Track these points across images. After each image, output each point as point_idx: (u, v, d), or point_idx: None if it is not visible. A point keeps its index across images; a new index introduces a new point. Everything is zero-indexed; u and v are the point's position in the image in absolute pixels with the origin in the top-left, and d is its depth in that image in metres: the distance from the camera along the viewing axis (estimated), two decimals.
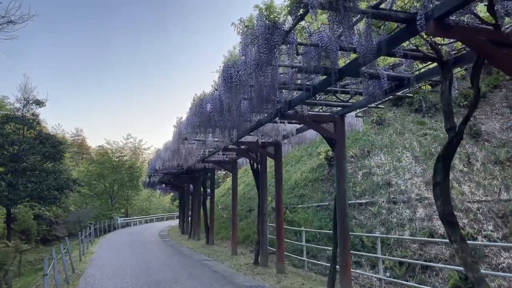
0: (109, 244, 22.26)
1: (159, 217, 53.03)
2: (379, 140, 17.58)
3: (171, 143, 12.37)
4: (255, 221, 18.73)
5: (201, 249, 17.83)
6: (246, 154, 12.55)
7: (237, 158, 15.84)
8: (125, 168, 48.98)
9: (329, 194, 16.34)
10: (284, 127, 9.97)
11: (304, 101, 7.22)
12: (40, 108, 22.65)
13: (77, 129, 75.14)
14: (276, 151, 11.49)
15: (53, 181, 21.83)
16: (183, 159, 14.51)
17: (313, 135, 10.54)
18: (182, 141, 11.35)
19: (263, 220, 12.34)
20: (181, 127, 10.85)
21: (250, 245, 16.67)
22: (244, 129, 9.66)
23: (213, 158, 15.84)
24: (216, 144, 12.16)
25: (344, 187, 8.09)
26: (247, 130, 9.58)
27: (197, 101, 7.85)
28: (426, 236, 12.33)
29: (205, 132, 9.78)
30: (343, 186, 8.08)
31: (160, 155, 14.39)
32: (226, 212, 23.44)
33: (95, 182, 47.11)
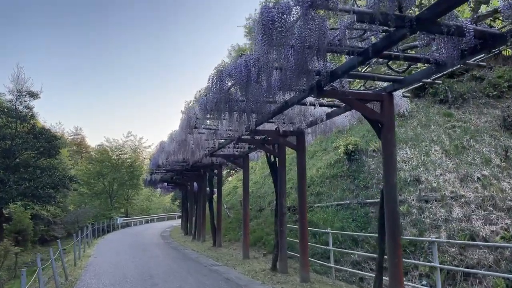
0: (107, 246, 20.74)
1: (160, 217, 51.54)
2: (402, 133, 16.10)
3: (178, 133, 10.88)
4: (266, 221, 17.22)
5: (208, 252, 16.32)
6: (262, 146, 11.04)
7: (249, 152, 14.33)
8: (125, 167, 47.51)
9: (349, 191, 14.83)
10: (313, 111, 8.46)
11: (352, 69, 5.71)
12: (34, 100, 21.17)
13: (77, 128, 73.56)
14: (298, 141, 9.98)
15: (47, 179, 20.28)
16: (190, 153, 13.01)
17: (344, 122, 9.03)
18: (190, 129, 9.84)
19: (282, 220, 10.83)
20: (190, 113, 9.35)
21: (262, 248, 15.16)
22: (265, 114, 8.15)
23: (222, 152, 14.34)
24: (228, 134, 10.65)
25: (393, 181, 6.58)
26: (270, 114, 8.08)
27: (214, 75, 6.34)
28: (466, 239, 10.87)
29: (218, 117, 8.30)
30: (393, 180, 6.56)
31: (164, 148, 12.90)
32: (233, 211, 21.96)
33: (94, 181, 45.62)
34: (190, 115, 9.33)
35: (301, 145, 9.96)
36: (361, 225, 13.14)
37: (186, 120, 9.59)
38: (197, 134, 10.99)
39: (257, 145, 11.14)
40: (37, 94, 21.18)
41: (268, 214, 17.46)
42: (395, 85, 6.52)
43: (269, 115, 8.19)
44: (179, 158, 14.49)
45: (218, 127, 10.14)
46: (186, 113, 9.43)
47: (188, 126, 9.75)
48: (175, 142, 11.35)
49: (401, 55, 5.31)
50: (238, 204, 21.96)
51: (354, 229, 12.98)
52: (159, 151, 13.38)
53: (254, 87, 6.21)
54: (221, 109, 7.58)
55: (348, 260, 12.01)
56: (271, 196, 18.77)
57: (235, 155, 14.55)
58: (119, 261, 14.42)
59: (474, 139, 14.53)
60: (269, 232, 15.57)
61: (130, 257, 15.46)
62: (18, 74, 21.35)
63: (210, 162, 16.41)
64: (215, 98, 6.86)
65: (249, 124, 9.10)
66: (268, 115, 8.19)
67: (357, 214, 13.59)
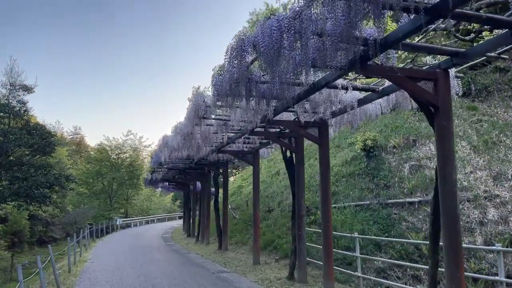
0: (106, 249, 19.52)
1: (161, 217, 50.35)
2: (424, 127, 14.90)
3: (183, 125, 9.68)
4: (276, 223, 16.00)
5: (213, 257, 15.11)
6: (277, 140, 9.84)
7: (260, 148, 13.14)
8: (125, 166, 46.28)
9: (369, 191, 13.62)
10: (343, 96, 7.25)
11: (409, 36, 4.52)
12: (28, 94, 19.93)
13: (76, 127, 72.39)
14: (321, 134, 8.78)
15: (42, 178, 19.04)
16: (196, 148, 11.82)
17: (376, 110, 7.83)
18: (198, 120, 8.64)
19: (300, 224, 9.62)
20: (198, 101, 8.15)
21: (274, 252, 13.94)
22: (288, 100, 6.96)
23: (230, 148, 13.14)
24: (240, 126, 9.45)
25: (453, 178, 5.33)
26: (294, 98, 6.88)
27: (234, 46, 5.13)
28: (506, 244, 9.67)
29: (232, 104, 7.13)
30: (452, 176, 5.32)
31: (168, 143, 11.70)
32: (239, 212, 20.75)
33: (93, 181, 44.39)
34: (199, 103, 8.13)
35: (324, 138, 8.76)
36: (383, 228, 11.93)
37: (193, 109, 8.39)
38: (204, 126, 9.79)
39: (272, 139, 9.93)
40: (31, 88, 19.94)
41: (278, 216, 16.26)
42: (455, 59, 5.29)
43: (293, 100, 6.98)
44: (183, 154, 13.29)
45: (229, 117, 8.94)
46: (193, 100, 8.23)
47: (195, 116, 8.55)
48: (179, 135, 10.14)
49: (481, 15, 4.08)
50: (244, 205, 20.77)
51: (376, 232, 11.77)
52: (161, 146, 12.17)
53: (283, 61, 5.02)
54: (238, 93, 6.39)
55: (371, 267, 10.83)
56: (280, 196, 17.57)
57: (244, 151, 13.36)
58: (118, 266, 13.21)
59: (504, 134, 13.33)
60: (281, 235, 14.38)
61: (130, 262, 14.25)
62: (12, 67, 20.20)
63: (215, 159, 15.21)
64: (233, 76, 5.67)
65: (267, 113, 7.92)
66: (291, 100, 6.98)
67: (379, 215, 12.39)
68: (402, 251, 10.70)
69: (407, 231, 11.32)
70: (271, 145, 12.92)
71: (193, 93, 8.18)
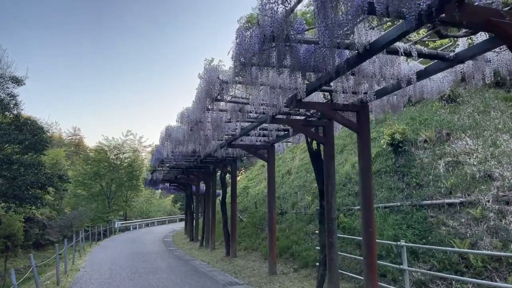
0: (102, 255, 17.87)
1: (161, 220, 48.72)
2: (457, 120, 13.33)
3: (191, 110, 8.08)
4: (291, 227, 14.35)
5: (221, 264, 13.50)
6: (303, 129, 8.26)
7: (275, 142, 11.54)
8: (124, 167, 44.64)
9: (398, 191, 12.03)
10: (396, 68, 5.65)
11: None
12: (18, 87, 18.30)
13: (75, 128, 70.90)
14: (360, 119, 7.18)
15: (32, 177, 17.41)
16: (204, 141, 10.22)
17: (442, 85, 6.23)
18: (211, 102, 7.06)
19: (331, 229, 8.03)
20: (212, 76, 6.55)
21: (291, 260, 12.32)
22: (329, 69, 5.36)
23: (242, 142, 11.56)
24: (260, 110, 7.84)
25: None
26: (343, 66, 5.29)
27: None
28: None
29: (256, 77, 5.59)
30: None
31: (171, 135, 10.09)
32: (246, 215, 19.13)
33: (91, 182, 42.73)
34: (212, 80, 6.54)
35: (363, 124, 7.16)
36: (420, 233, 10.31)
37: (205, 89, 6.80)
38: (217, 112, 8.21)
39: (296, 128, 8.32)
40: (21, 80, 18.27)
41: (293, 219, 14.64)
42: None
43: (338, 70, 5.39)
44: (189, 149, 11.69)
45: (248, 99, 7.37)
46: (205, 77, 6.63)
47: (207, 97, 6.97)
48: (186, 124, 8.53)
49: None
50: (252, 207, 19.14)
51: (411, 238, 10.18)
52: (164, 139, 10.54)
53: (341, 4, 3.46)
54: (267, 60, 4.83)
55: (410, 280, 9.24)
56: (294, 197, 15.95)
57: (257, 146, 11.75)
58: (114, 277, 11.59)
59: None
60: (298, 241, 12.76)
61: (128, 271, 12.62)
62: (0, 57, 18.62)
63: (223, 155, 13.62)
64: (266, 31, 4.10)
65: (296, 92, 6.34)
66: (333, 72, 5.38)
67: (412, 219, 10.79)
68: (445, 261, 9.11)
69: (448, 237, 9.74)
70: (289, 138, 11.32)
71: (205, 67, 6.57)
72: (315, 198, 14.48)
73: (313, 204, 14.06)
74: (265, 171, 24.89)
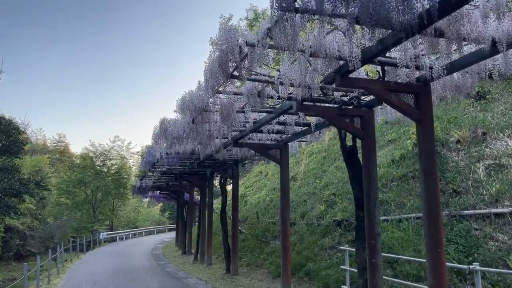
0: (84, 272, 15.74)
1: (149, 230, 46.39)
2: (490, 118, 11.78)
3: (196, 94, 6.32)
4: (302, 240, 12.48)
5: (222, 284, 11.61)
6: (337, 119, 6.53)
7: (291, 140, 9.80)
8: (111, 174, 42.37)
9: None
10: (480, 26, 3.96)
11: None
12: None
13: (60, 135, 68.08)
14: (420, 102, 5.48)
15: (4, 183, 15.31)
16: (207, 137, 8.43)
17: None
18: (225, 78, 5.31)
19: (374, 247, 6.26)
20: (231, 40, 4.80)
21: (306, 281, 10.48)
22: (404, 22, 3.66)
23: (251, 140, 9.80)
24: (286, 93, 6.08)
25: None
26: (423, 16, 3.57)
27: None
28: None
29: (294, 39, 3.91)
30: None
31: (168, 130, 8.26)
32: (246, 226, 17.25)
33: (74, 190, 40.33)
34: (230, 45, 4.78)
35: (425, 110, 5.45)
36: (464, 249, 8.61)
37: (218, 60, 5.04)
38: (229, 97, 6.45)
39: (329, 118, 6.55)
40: None
41: (303, 231, 12.83)
42: None
43: (420, 20, 3.68)
44: (187, 149, 9.89)
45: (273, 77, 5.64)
46: (220, 42, 4.86)
47: (220, 72, 5.21)
48: (188, 113, 6.73)
49: None
50: (253, 217, 17.29)
51: (454, 255, 8.50)
52: (158, 137, 8.67)
53: None
54: None
55: None
56: (303, 206, 14.15)
57: (268, 145, 9.98)
58: None
59: None
60: (312, 257, 10.95)
61: None
62: None
63: (225, 157, 11.81)
64: None
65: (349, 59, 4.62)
66: (416, 21, 3.67)
67: (453, 232, 9.11)
68: (501, 283, 7.43)
69: (499, 254, 8.10)
70: (306, 136, 9.58)
71: (221, 28, 4.80)
72: (329, 207, 12.73)
73: (327, 213, 12.30)
74: (263, 178, 23.08)
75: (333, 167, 14.89)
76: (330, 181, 13.88)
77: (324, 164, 15.73)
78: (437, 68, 5.13)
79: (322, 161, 15.99)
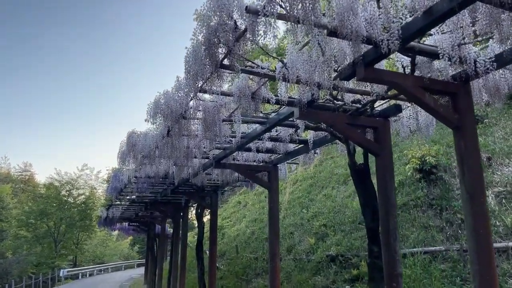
0: None
1: (117, 266, 43.27)
2: (492, 143, 10.94)
3: (174, 93, 5.00)
4: (291, 278, 10.98)
5: None
6: (347, 129, 5.31)
7: (281, 161, 8.51)
8: (77, 205, 39.63)
9: (438, 230, 9.19)
10: None
11: None
12: None
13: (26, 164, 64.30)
14: (458, 106, 4.35)
15: None
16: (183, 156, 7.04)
17: None
18: (213, 67, 4.04)
19: None
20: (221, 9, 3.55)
21: None
22: None
23: (236, 161, 8.46)
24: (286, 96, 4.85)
25: None
26: None
27: None
28: None
29: None
30: None
31: (136, 145, 6.82)
32: (224, 262, 15.55)
33: (36, 222, 37.28)
34: (223, 19, 3.55)
35: (465, 116, 4.32)
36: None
37: (205, 40, 3.81)
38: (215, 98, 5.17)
39: (338, 128, 5.32)
40: None
41: (291, 267, 11.33)
42: None
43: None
44: (160, 171, 8.39)
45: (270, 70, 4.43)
46: (209, 19, 3.63)
47: (206, 61, 3.98)
48: (162, 118, 5.37)
49: None
50: (232, 251, 15.64)
51: None
52: (124, 154, 7.20)
53: None
54: None
55: None
56: (289, 239, 12.70)
57: (255, 167, 8.63)
58: None
59: None
60: None
61: None
62: None
63: (203, 183, 10.37)
64: None
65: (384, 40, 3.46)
66: None
67: (467, 269, 7.95)
68: None
69: None
70: (299, 156, 8.32)
71: None
72: (319, 240, 11.36)
73: (318, 247, 10.91)
74: (242, 208, 21.51)
75: (321, 195, 13.62)
76: (319, 211, 12.57)
77: (311, 192, 14.46)
78: (484, 61, 4.04)
79: (309, 189, 14.72)
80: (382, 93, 4.80)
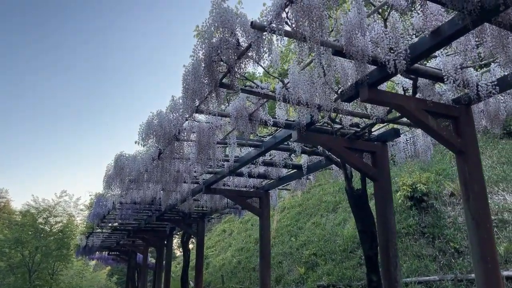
0: None
1: None
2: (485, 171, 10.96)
3: (168, 114, 4.79)
4: None
5: None
6: (346, 153, 5.20)
7: (274, 187, 8.32)
8: (54, 233, 37.99)
9: (430, 260, 9.04)
10: None
11: None
12: None
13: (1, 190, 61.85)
14: (461, 130, 4.29)
15: None
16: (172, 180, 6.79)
17: None
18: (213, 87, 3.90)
19: None
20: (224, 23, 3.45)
21: None
22: None
23: (226, 186, 8.23)
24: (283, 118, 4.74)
25: None
26: None
27: None
28: None
29: None
30: None
31: (124, 169, 6.53)
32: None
33: (10, 251, 35.49)
34: (226, 35, 3.44)
35: (469, 141, 4.26)
36: None
37: (205, 59, 3.70)
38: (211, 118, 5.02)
39: (337, 152, 5.19)
40: None
41: None
42: None
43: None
44: (147, 196, 8.08)
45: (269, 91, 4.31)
46: (210, 35, 3.51)
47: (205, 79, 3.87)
48: (154, 140, 5.15)
49: None
50: (217, 282, 15.08)
51: None
52: (111, 179, 6.89)
53: None
54: None
55: None
56: (277, 269, 12.31)
57: (246, 193, 8.39)
58: None
59: None
60: None
61: None
62: None
63: (190, 209, 10.05)
64: None
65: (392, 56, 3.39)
66: None
67: None
68: None
69: None
70: (290, 183, 8.15)
71: (213, 11, 3.45)
72: (309, 270, 11.03)
73: (309, 277, 10.57)
74: (228, 237, 20.98)
75: (310, 223, 13.37)
76: (309, 239, 12.29)
77: (299, 220, 14.19)
78: (486, 85, 4.01)
79: (297, 217, 14.46)
80: (382, 116, 4.72)
